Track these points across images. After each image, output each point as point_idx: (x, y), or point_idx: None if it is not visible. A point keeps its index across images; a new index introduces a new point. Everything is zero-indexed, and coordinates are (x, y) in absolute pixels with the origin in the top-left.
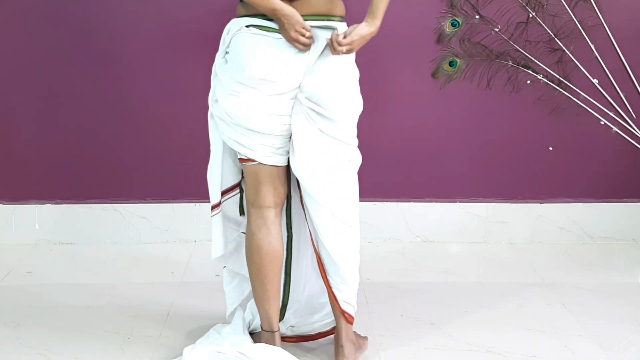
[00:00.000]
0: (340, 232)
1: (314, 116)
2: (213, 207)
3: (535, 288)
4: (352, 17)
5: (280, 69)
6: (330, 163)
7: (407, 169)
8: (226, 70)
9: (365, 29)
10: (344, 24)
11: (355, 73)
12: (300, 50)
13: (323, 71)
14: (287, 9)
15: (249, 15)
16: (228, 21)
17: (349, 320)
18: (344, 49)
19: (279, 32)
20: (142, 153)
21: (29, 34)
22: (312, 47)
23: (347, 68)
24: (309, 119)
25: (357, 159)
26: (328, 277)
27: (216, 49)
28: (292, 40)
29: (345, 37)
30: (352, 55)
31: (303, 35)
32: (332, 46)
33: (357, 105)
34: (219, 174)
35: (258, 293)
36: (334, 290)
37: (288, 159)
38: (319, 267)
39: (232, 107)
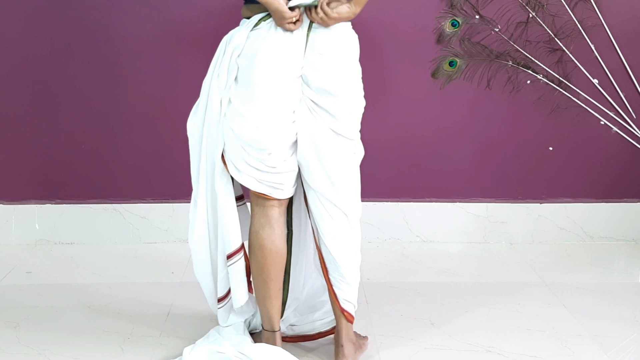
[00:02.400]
0: (342, 229)
1: (315, 108)
2: (232, 255)
3: (535, 288)
4: (357, 18)
5: (282, 54)
6: (332, 156)
7: (407, 169)
8: (238, 88)
9: (345, 9)
10: (349, 24)
11: (357, 70)
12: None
13: (320, 66)
14: (274, 5)
15: (249, 18)
16: (228, 21)
17: (349, 319)
18: (320, 16)
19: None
20: (142, 153)
21: (29, 34)
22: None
23: (346, 65)
24: (314, 113)
25: (360, 151)
26: (329, 275)
27: (216, 49)
28: (281, 26)
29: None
30: (356, 54)
31: (290, 22)
32: (314, 11)
33: (358, 101)
34: (236, 218)
35: (260, 292)
36: (334, 288)
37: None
38: (321, 264)
39: (243, 129)
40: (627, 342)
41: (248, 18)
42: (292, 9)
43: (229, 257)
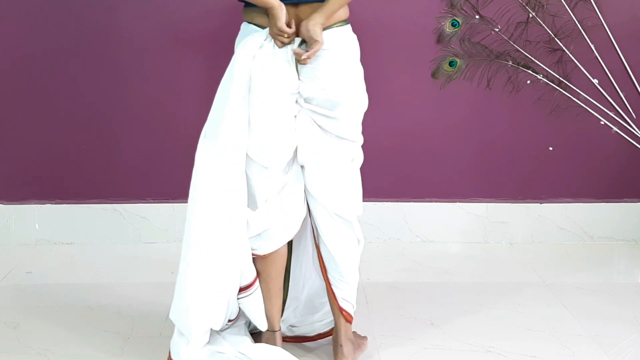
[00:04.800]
0: (341, 230)
1: (316, 117)
2: (248, 286)
3: (535, 288)
4: (357, 18)
5: (277, 72)
6: (332, 163)
7: (407, 169)
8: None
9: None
10: (348, 26)
11: (359, 71)
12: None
13: (320, 76)
14: (276, 3)
15: (252, 23)
16: (228, 21)
17: (348, 319)
18: (308, 59)
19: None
20: (142, 153)
21: (29, 34)
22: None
23: (348, 68)
24: (312, 120)
25: (359, 157)
26: (327, 274)
27: (217, 49)
28: (274, 36)
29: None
30: (356, 55)
31: (282, 35)
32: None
33: (360, 103)
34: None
35: (261, 292)
36: (333, 287)
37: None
38: (319, 262)
39: (253, 147)
40: (627, 342)
41: (249, 22)
42: (289, 25)
43: (248, 286)
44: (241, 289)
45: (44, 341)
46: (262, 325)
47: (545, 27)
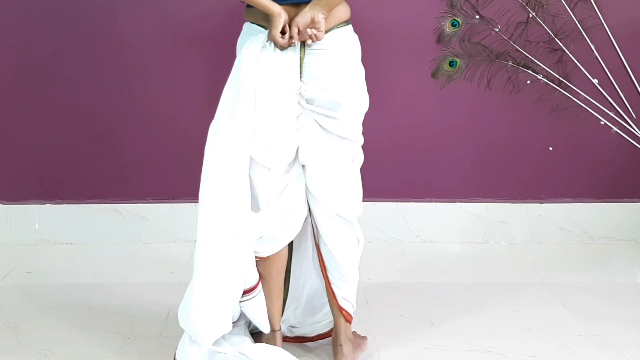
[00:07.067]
0: (341, 230)
1: (318, 117)
2: (251, 289)
3: (535, 288)
4: (357, 19)
5: (279, 73)
6: (334, 162)
7: (407, 169)
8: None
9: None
10: (350, 27)
11: (361, 72)
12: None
13: (322, 76)
14: (275, 9)
15: (254, 23)
16: (228, 21)
17: (347, 318)
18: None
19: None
20: (142, 153)
21: (29, 34)
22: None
23: (349, 69)
24: (313, 121)
25: (359, 158)
26: (327, 273)
27: (217, 49)
28: (271, 39)
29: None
30: (357, 55)
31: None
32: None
33: (361, 103)
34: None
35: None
36: (332, 286)
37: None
38: (319, 261)
39: (256, 148)
40: (627, 342)
41: (252, 23)
42: (283, 33)
43: (252, 289)
44: (244, 292)
45: (44, 341)
46: (265, 328)
47: (545, 27)
